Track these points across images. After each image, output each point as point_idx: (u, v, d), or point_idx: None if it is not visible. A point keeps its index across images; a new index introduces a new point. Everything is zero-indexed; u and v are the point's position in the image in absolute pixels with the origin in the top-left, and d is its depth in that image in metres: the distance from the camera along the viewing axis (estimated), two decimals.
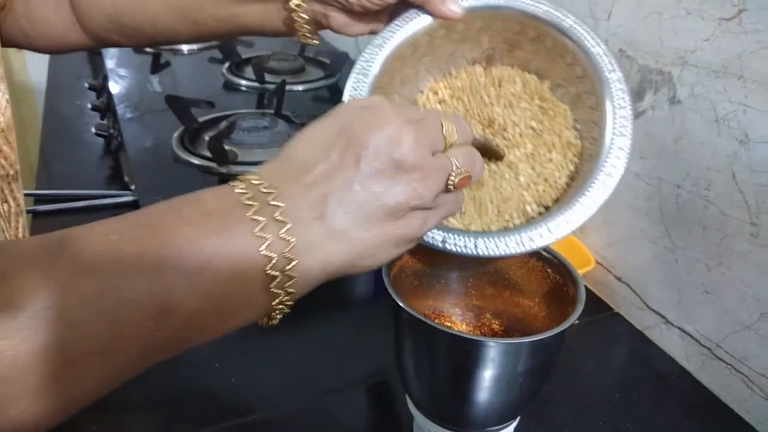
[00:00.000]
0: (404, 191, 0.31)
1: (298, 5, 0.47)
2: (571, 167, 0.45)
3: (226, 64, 1.09)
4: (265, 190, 0.30)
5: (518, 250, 0.41)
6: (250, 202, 0.29)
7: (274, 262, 0.29)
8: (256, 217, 0.29)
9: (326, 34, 0.52)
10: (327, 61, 1.09)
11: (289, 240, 0.29)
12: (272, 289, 0.29)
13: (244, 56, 1.11)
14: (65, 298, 0.25)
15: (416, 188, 0.31)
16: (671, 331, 0.62)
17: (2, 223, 0.49)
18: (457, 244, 0.39)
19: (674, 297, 0.61)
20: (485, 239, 0.40)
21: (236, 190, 0.30)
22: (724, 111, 0.53)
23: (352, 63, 0.45)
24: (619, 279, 0.68)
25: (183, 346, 0.29)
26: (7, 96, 0.47)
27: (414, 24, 0.46)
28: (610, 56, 0.44)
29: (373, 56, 0.45)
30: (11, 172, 0.49)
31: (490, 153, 0.44)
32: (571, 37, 0.44)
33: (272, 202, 0.29)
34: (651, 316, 0.64)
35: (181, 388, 0.55)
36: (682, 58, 0.56)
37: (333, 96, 1.03)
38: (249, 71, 1.06)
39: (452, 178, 0.33)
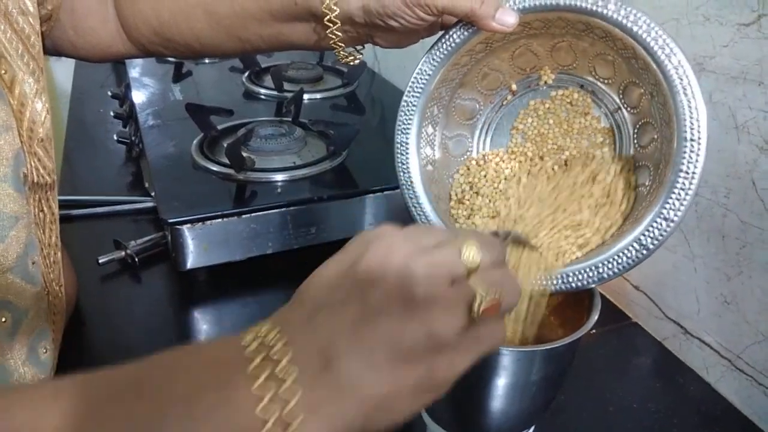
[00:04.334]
0: (417, 330, 0.27)
1: (337, 34, 0.48)
2: (625, 208, 0.45)
3: (246, 73, 1.10)
4: (270, 342, 0.27)
5: (563, 288, 0.42)
6: (253, 355, 0.27)
7: (268, 426, 0.25)
8: (256, 372, 0.26)
9: None
10: (344, 70, 1.10)
11: (288, 399, 0.26)
12: None
13: (263, 65, 1.12)
14: None
15: (431, 325, 0.27)
16: (690, 342, 0.61)
17: (39, 232, 0.50)
18: None
19: (693, 306, 0.60)
20: None
21: (242, 342, 0.27)
22: (743, 118, 0.52)
23: (371, 72, 0.46)
24: (636, 288, 0.67)
25: None
26: (47, 106, 0.48)
27: (468, 36, 0.46)
28: (686, 68, 0.40)
29: (424, 76, 0.47)
30: (49, 181, 0.49)
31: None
32: (644, 46, 0.41)
33: (275, 356, 0.27)
34: (669, 326, 0.63)
35: None
36: (701, 64, 0.55)
37: (350, 104, 1.03)
38: (268, 80, 1.07)
39: (475, 307, 0.28)
